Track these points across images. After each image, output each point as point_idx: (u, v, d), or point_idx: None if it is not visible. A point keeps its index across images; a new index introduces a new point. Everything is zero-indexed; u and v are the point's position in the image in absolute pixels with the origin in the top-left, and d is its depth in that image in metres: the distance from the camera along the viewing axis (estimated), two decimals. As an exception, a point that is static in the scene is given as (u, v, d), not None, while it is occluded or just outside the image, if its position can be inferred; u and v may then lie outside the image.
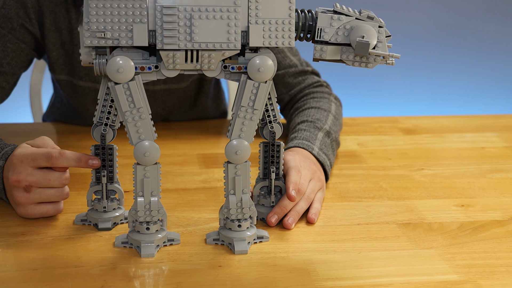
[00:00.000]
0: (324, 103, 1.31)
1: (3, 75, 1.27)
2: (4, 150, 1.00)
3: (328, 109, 1.29)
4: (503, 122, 1.58)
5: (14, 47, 1.27)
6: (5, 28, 1.26)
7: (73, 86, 1.39)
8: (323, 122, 1.22)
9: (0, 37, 1.26)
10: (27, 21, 1.28)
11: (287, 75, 1.39)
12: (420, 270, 0.88)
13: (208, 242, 0.94)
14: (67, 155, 0.95)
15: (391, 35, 0.90)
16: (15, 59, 1.28)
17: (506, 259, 0.91)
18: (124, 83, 0.86)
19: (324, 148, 1.16)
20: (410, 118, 1.60)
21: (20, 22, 1.27)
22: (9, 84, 1.30)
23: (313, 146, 1.14)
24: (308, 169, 1.06)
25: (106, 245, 0.93)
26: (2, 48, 1.26)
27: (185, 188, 1.14)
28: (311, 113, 1.26)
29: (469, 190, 1.16)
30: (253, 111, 0.90)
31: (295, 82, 1.39)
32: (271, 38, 0.88)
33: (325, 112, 1.27)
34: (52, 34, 1.31)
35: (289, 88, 1.39)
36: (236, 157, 0.91)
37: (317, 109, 1.28)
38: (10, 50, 1.27)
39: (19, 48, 1.28)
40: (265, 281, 0.85)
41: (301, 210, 1.01)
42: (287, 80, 1.39)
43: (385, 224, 1.01)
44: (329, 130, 1.21)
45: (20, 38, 1.28)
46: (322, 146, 1.16)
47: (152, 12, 0.85)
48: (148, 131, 0.88)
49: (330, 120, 1.24)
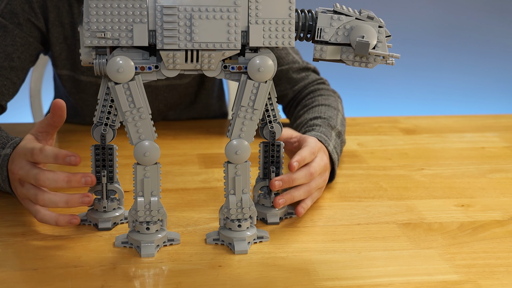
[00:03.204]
0: (332, 101, 1.31)
1: (15, 71, 1.28)
2: (14, 140, 1.00)
3: (337, 107, 1.29)
4: (503, 122, 1.58)
5: (23, 41, 1.29)
6: (12, 23, 1.28)
7: (75, 81, 1.40)
8: (335, 121, 1.22)
9: (9, 32, 1.28)
10: (32, 15, 1.30)
11: (291, 70, 1.39)
12: (420, 270, 0.88)
13: (208, 242, 0.94)
14: (46, 151, 0.90)
15: (391, 35, 0.91)
16: (24, 53, 1.29)
17: (506, 259, 0.91)
18: (124, 83, 0.86)
19: (337, 148, 1.16)
20: (410, 118, 1.60)
21: (26, 17, 1.29)
22: (19, 80, 1.31)
23: (330, 143, 1.13)
24: (324, 162, 1.06)
25: (106, 245, 0.93)
26: (12, 42, 1.28)
27: (185, 188, 1.14)
28: (322, 110, 1.26)
29: (469, 190, 1.16)
30: (253, 111, 0.90)
31: (298, 78, 1.39)
32: (271, 38, 0.88)
33: (335, 110, 1.27)
34: (55, 28, 1.33)
35: (293, 83, 1.39)
36: (236, 157, 0.91)
37: (328, 107, 1.28)
38: (20, 44, 1.28)
39: (28, 42, 1.30)
40: (265, 281, 0.85)
41: (297, 198, 1.00)
42: (291, 75, 1.39)
43: (385, 224, 1.01)
44: (340, 130, 1.21)
45: (28, 32, 1.30)
46: (335, 145, 1.16)
47: (152, 12, 0.85)
48: (148, 131, 0.88)
49: (340, 120, 1.24)
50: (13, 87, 1.29)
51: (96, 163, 0.97)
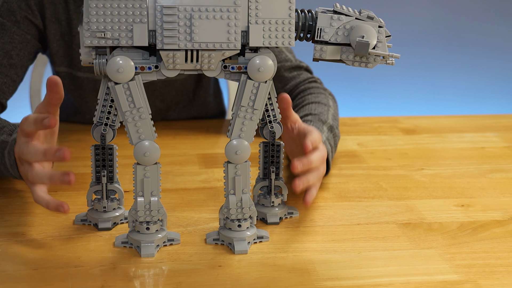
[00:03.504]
0: (322, 98, 1.32)
1: (14, 68, 1.28)
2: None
3: (327, 103, 1.30)
4: (503, 122, 1.58)
5: (20, 38, 1.29)
6: (9, 21, 1.28)
7: (73, 78, 1.41)
8: (325, 116, 1.23)
9: (6, 29, 1.28)
10: (29, 13, 1.30)
11: (283, 68, 1.40)
12: (420, 270, 0.88)
13: (208, 242, 0.94)
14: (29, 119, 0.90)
15: (391, 35, 0.91)
16: (22, 51, 1.30)
17: (506, 259, 0.91)
18: (124, 83, 0.86)
19: (330, 140, 1.17)
20: (410, 118, 1.60)
21: (23, 14, 1.29)
22: (19, 78, 1.31)
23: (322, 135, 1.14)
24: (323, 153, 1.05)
25: (106, 245, 0.93)
26: (10, 40, 1.28)
27: (185, 188, 1.14)
28: (312, 108, 1.27)
29: (469, 190, 1.16)
30: (253, 111, 0.90)
31: (290, 77, 1.40)
32: (271, 38, 0.88)
33: (325, 106, 1.28)
34: (52, 25, 1.33)
35: (284, 82, 1.40)
36: (236, 157, 0.91)
37: (318, 104, 1.28)
38: (18, 42, 1.29)
39: (26, 39, 1.30)
40: (265, 281, 0.85)
41: (311, 181, 1.00)
42: (282, 73, 1.40)
43: (385, 224, 1.01)
44: (332, 124, 1.21)
45: (25, 30, 1.30)
46: (328, 137, 1.17)
47: (152, 12, 0.85)
48: (148, 131, 0.88)
49: (331, 115, 1.25)
50: (12, 85, 1.29)
51: (96, 163, 0.97)
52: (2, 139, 1.04)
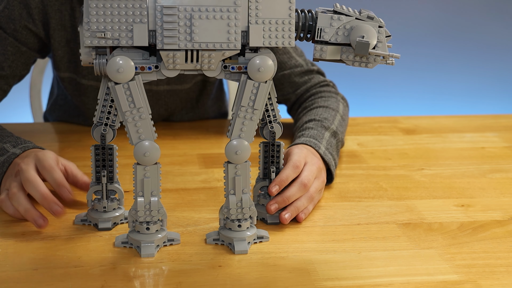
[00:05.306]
0: (332, 102, 1.31)
1: (4, 79, 1.27)
2: (26, 144, 1.08)
3: (336, 108, 1.29)
4: (503, 122, 1.58)
5: (14, 50, 1.26)
6: (7, 29, 1.25)
7: (77, 84, 1.39)
8: (330, 122, 1.22)
9: (1, 39, 1.26)
10: (30, 22, 1.27)
11: (293, 74, 1.39)
12: (420, 270, 0.88)
13: (208, 242, 0.94)
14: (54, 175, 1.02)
15: (391, 35, 0.90)
16: (15, 62, 1.27)
17: (506, 259, 0.91)
18: (124, 83, 0.86)
19: (330, 148, 1.16)
20: (410, 118, 1.60)
21: (23, 23, 1.26)
22: (10, 86, 1.30)
23: (320, 145, 1.13)
24: (316, 165, 1.06)
25: (106, 245, 0.93)
26: (3, 51, 1.26)
27: (185, 188, 1.14)
28: (319, 112, 1.26)
29: (469, 190, 1.16)
30: (253, 111, 0.90)
31: (301, 81, 1.39)
32: (271, 38, 0.88)
33: (333, 111, 1.27)
34: (58, 33, 1.31)
35: (295, 87, 1.39)
36: (236, 157, 0.91)
37: (325, 108, 1.28)
38: (10, 53, 1.26)
39: (19, 51, 1.27)
40: (265, 281, 0.85)
41: (301, 207, 1.01)
42: (293, 79, 1.39)
43: (385, 224, 1.01)
44: (336, 130, 1.21)
45: (22, 40, 1.27)
46: (328, 146, 1.16)
47: (152, 12, 0.85)
48: (148, 131, 0.88)
49: (337, 120, 1.24)
50: (2, 94, 1.29)
51: (96, 163, 0.97)
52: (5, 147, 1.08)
